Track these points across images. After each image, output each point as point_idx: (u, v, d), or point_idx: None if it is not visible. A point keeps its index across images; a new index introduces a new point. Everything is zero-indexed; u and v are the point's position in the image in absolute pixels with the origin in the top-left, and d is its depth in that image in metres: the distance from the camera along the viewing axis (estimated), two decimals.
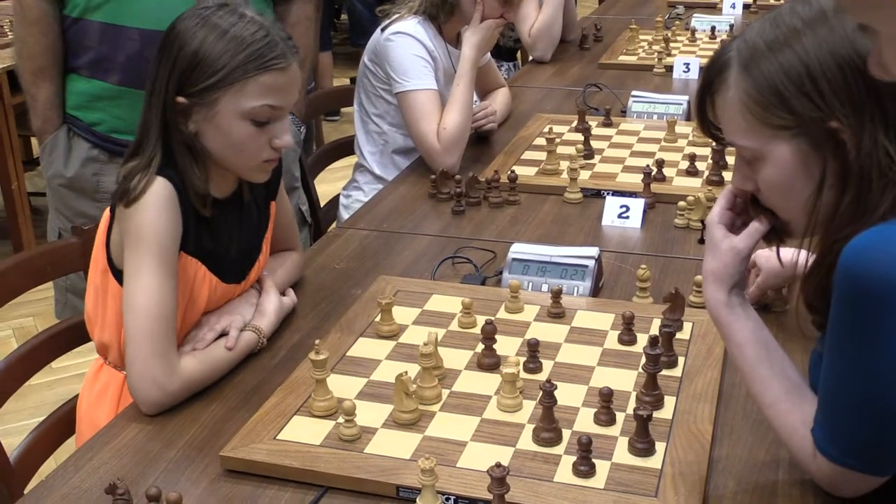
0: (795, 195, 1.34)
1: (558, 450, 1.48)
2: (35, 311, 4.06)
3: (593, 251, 2.01)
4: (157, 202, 1.67)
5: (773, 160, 1.34)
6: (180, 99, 1.68)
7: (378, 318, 1.83)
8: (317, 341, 1.61)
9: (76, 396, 1.92)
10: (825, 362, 1.28)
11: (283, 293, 1.93)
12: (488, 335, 1.71)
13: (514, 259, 2.02)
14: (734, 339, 1.42)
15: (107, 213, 1.78)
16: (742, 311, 1.42)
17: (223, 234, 1.81)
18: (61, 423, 1.93)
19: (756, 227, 1.43)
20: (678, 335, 1.77)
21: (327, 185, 3.82)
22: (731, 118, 1.37)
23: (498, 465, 1.33)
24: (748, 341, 1.41)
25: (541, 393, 1.50)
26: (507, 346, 1.76)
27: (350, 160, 3.14)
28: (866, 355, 1.22)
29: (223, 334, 1.77)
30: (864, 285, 1.19)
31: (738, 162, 1.42)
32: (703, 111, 1.43)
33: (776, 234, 1.45)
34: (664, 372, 1.63)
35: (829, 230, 1.32)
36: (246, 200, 1.87)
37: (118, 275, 1.73)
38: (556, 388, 1.49)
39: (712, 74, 1.38)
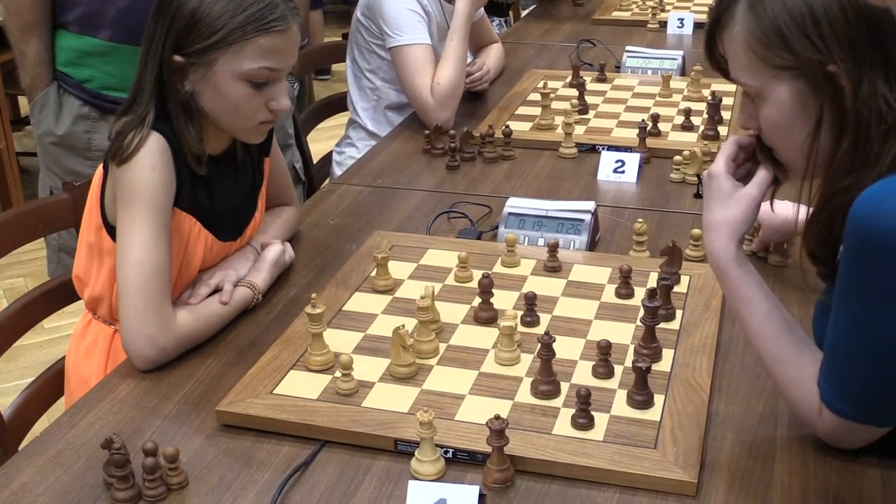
0: (793, 136, 1.33)
1: (557, 402, 1.48)
2: (26, 271, 4.04)
3: (589, 205, 1.99)
4: (150, 157, 1.65)
5: (773, 100, 1.33)
6: (177, 58, 1.66)
7: (374, 273, 1.82)
8: (313, 295, 1.60)
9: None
10: (833, 314, 1.27)
11: None
12: (485, 289, 1.70)
13: (510, 213, 2.00)
14: (743, 294, 1.40)
15: (100, 170, 1.76)
16: (749, 266, 1.41)
17: (218, 191, 1.79)
18: (53, 382, 1.92)
19: (764, 175, 1.42)
20: (675, 288, 1.76)
21: (319, 143, 3.79)
22: (735, 54, 1.36)
23: (497, 418, 1.32)
24: (757, 296, 1.39)
25: (539, 346, 1.49)
26: (503, 299, 1.75)
27: (341, 118, 3.12)
28: (876, 307, 1.21)
29: (218, 290, 1.76)
30: (874, 237, 1.17)
31: (743, 99, 1.42)
32: (713, 45, 1.42)
33: (779, 181, 1.44)
34: (662, 325, 1.62)
35: (829, 177, 1.31)
36: (240, 157, 1.85)
37: (113, 231, 1.71)
38: (554, 341, 1.48)
39: (721, 9, 1.38)
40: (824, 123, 1.30)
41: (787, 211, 1.75)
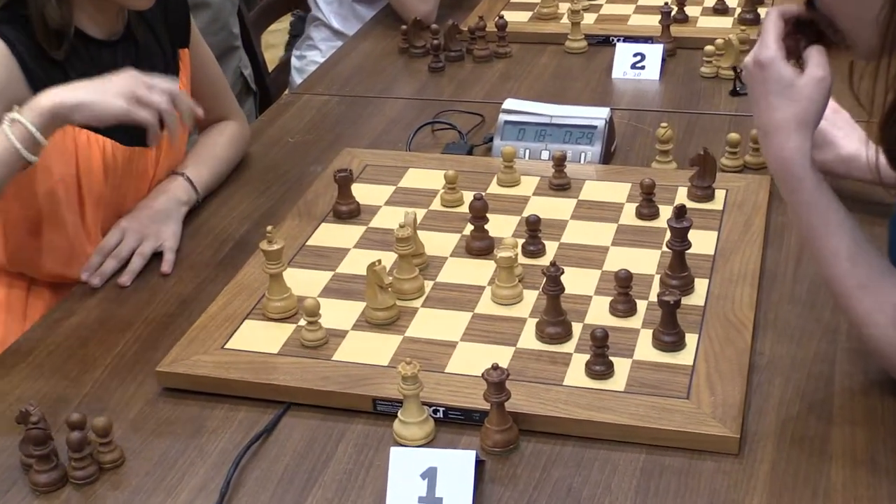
0: (863, 2, 1.28)
1: (568, 347, 1.47)
2: None
3: (603, 111, 1.98)
4: None
5: None
6: None
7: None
8: (269, 228, 1.58)
9: None
10: None
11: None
12: (478, 213, 1.68)
13: (506, 121, 1.99)
14: (820, 205, 1.34)
15: None
16: (821, 174, 1.36)
17: None
18: None
19: (819, 50, 1.35)
20: (709, 206, 1.76)
21: (275, 50, 3.76)
22: None
23: (495, 368, 1.31)
24: (836, 208, 1.34)
25: (544, 279, 1.48)
26: (501, 225, 1.74)
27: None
28: None
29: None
30: None
31: None
32: None
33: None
34: (693, 249, 1.59)
35: None
36: (141, 42, 1.78)
37: None
38: (562, 273, 1.47)
39: None
40: None
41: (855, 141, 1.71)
